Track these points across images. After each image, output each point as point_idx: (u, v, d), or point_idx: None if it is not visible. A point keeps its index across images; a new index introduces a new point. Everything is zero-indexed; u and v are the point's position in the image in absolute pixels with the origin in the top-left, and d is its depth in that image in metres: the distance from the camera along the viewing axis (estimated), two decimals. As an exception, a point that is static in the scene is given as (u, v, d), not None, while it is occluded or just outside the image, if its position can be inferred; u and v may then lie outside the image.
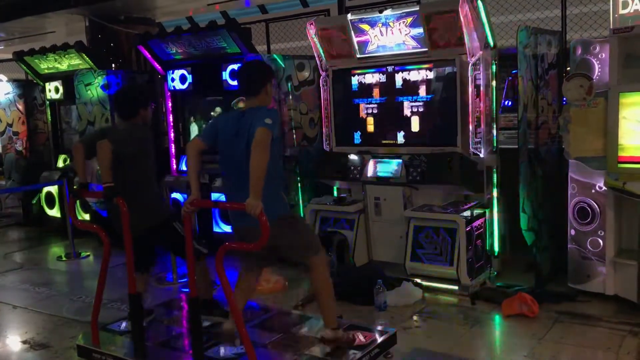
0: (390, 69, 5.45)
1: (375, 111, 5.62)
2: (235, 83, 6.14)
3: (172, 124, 6.93)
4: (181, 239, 3.94)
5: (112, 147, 3.78)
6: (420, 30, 5.08)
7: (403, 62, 5.36)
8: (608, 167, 4.39)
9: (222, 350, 3.75)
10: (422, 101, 5.32)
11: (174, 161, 6.95)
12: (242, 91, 3.72)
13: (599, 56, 4.44)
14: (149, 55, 6.76)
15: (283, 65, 5.97)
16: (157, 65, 6.84)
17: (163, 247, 4.41)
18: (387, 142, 5.58)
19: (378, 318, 4.57)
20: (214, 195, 6.27)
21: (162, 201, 4.45)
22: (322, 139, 6.05)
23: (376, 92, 5.58)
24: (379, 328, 4.06)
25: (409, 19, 5.09)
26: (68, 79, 7.48)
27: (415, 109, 5.37)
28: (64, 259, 6.99)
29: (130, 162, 3.94)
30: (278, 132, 3.52)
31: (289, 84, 6.05)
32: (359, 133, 5.73)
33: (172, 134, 6.94)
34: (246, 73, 3.68)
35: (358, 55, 5.60)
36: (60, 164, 8.10)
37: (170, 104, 6.91)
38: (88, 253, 7.08)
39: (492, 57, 5.02)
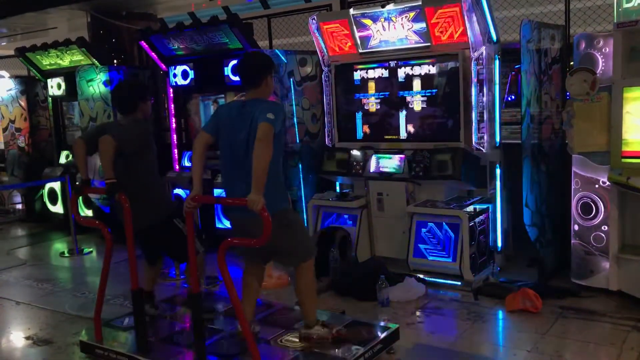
0: (392, 64, 5.43)
1: (377, 106, 5.60)
2: (237, 79, 6.13)
3: (174, 119, 6.92)
4: (179, 237, 3.93)
5: (114, 143, 3.76)
6: (423, 24, 5.06)
7: (405, 57, 5.35)
8: (612, 162, 4.37)
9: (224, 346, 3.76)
10: (425, 96, 5.30)
11: (176, 157, 6.94)
12: (242, 82, 3.67)
13: (603, 50, 4.41)
14: (151, 51, 6.74)
15: (285, 61, 5.95)
16: (159, 61, 6.81)
17: (160, 246, 4.33)
18: (389, 137, 5.57)
19: (381, 314, 4.56)
20: (216, 192, 6.27)
21: (164, 197, 4.43)
22: (325, 134, 6.04)
23: (378, 87, 5.56)
24: (382, 324, 4.07)
25: (412, 14, 5.06)
26: (70, 75, 7.48)
27: (417, 104, 5.35)
28: (66, 255, 7.00)
29: (132, 158, 3.93)
30: (281, 127, 3.50)
31: (291, 80, 6.03)
32: (361, 128, 5.72)
33: (174, 130, 6.93)
34: (246, 64, 3.65)
35: (360, 50, 5.58)
36: (62, 160, 8.10)
37: (172, 100, 6.90)
38: (91, 249, 7.10)
39: (495, 51, 5.00)
